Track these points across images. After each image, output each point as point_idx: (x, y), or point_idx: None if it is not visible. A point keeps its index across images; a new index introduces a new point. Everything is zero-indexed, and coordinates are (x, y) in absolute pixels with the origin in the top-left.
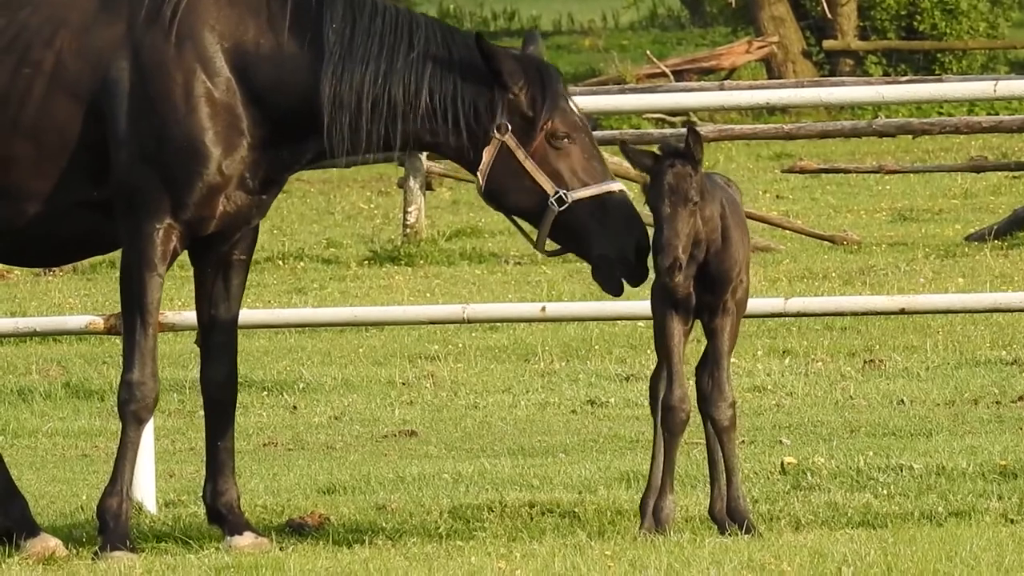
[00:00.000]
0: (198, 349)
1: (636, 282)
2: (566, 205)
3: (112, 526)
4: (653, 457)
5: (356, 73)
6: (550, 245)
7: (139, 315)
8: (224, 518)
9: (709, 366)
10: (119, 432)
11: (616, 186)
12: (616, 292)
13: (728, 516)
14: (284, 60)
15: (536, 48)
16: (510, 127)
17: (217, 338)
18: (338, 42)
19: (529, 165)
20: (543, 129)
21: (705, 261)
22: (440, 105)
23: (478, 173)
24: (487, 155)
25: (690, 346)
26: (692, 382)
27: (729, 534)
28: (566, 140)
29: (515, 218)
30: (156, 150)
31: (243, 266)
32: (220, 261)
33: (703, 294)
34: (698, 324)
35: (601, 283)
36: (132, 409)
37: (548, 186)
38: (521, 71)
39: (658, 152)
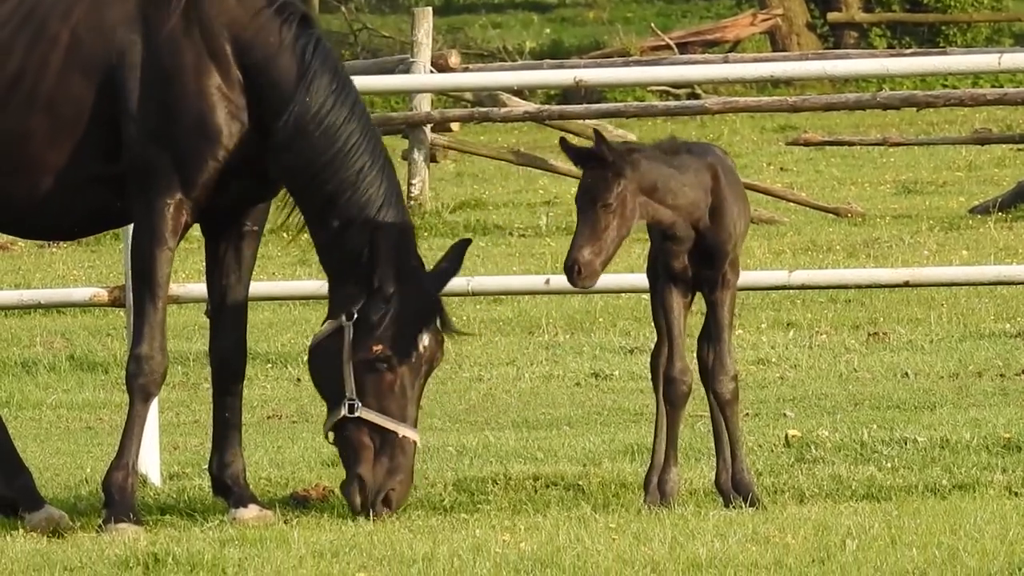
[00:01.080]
0: (206, 320)
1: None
2: (353, 415)
3: (117, 499)
4: (656, 433)
5: (301, 157)
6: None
7: (149, 289)
8: (229, 490)
9: (711, 339)
10: (126, 405)
11: (405, 433)
12: (354, 511)
13: (733, 488)
14: (266, 75)
15: (452, 263)
16: (356, 317)
17: (227, 310)
18: (303, 119)
19: (346, 364)
20: (373, 349)
21: (699, 236)
22: (335, 244)
23: (315, 333)
24: (328, 326)
25: (691, 318)
26: (693, 355)
27: (733, 506)
28: (387, 367)
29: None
30: (166, 127)
31: (255, 238)
32: (232, 233)
33: (701, 268)
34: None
35: (344, 495)
36: (140, 383)
37: (349, 389)
38: (391, 285)
39: (577, 151)
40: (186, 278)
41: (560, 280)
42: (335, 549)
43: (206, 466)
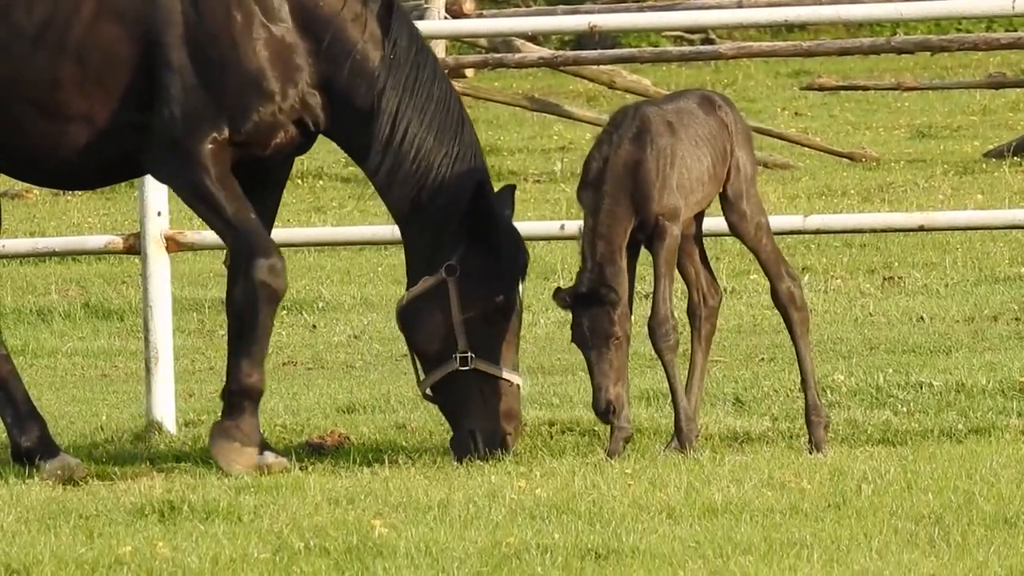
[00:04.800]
0: (221, 268)
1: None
2: (467, 367)
3: (247, 407)
4: (687, 378)
5: (404, 119)
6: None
7: (229, 205)
8: None
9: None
10: (140, 352)
11: (517, 380)
12: (459, 462)
13: (674, 433)
14: (335, 36)
15: (512, 211)
16: (458, 272)
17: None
18: (398, 78)
19: (457, 317)
20: (495, 299)
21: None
22: (419, 199)
23: (406, 292)
24: (424, 283)
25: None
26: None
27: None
28: (502, 317)
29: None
30: (216, 78)
31: (279, 187)
32: (256, 181)
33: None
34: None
35: (455, 449)
36: (271, 286)
37: (462, 342)
38: (496, 234)
39: (572, 295)
40: (200, 225)
41: (575, 225)
42: (351, 496)
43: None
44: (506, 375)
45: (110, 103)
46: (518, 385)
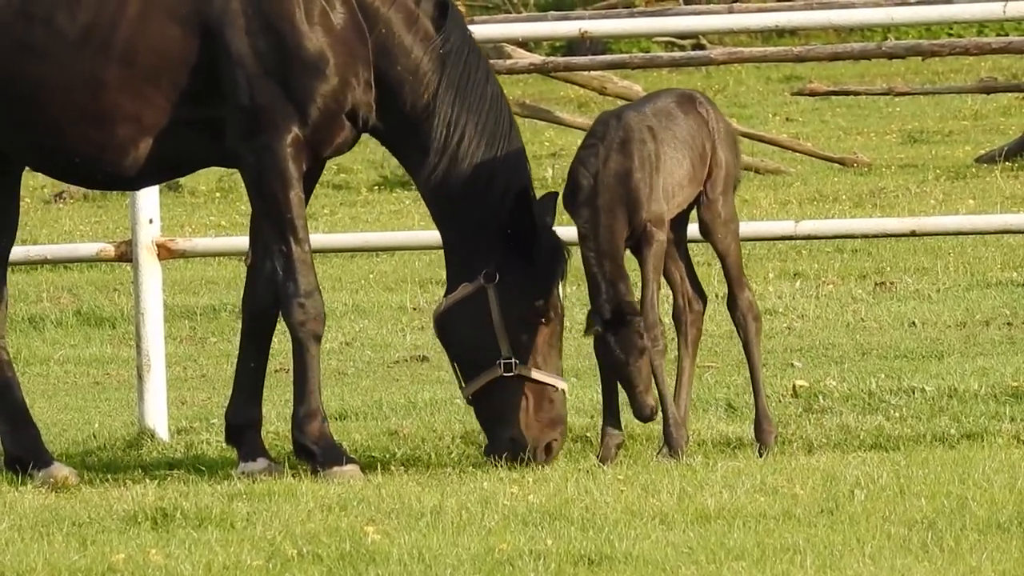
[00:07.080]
0: (212, 274)
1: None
2: (511, 374)
3: (322, 447)
4: (674, 385)
5: (461, 123)
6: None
7: (292, 234)
8: (243, 439)
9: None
10: (133, 360)
11: (562, 385)
12: (494, 461)
13: (664, 439)
14: (389, 29)
15: (552, 218)
16: (497, 278)
17: (268, 261)
18: (452, 81)
19: (498, 325)
20: (535, 305)
21: None
22: (464, 203)
23: (444, 298)
24: (463, 290)
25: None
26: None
27: (661, 454)
28: (543, 320)
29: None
30: (278, 65)
31: (307, 192)
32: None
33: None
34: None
35: (490, 456)
36: (310, 328)
37: (505, 349)
38: (540, 249)
39: (597, 319)
40: (192, 232)
41: (565, 231)
42: (343, 502)
43: (221, 414)
44: (550, 380)
45: (162, 101)
46: (563, 390)
